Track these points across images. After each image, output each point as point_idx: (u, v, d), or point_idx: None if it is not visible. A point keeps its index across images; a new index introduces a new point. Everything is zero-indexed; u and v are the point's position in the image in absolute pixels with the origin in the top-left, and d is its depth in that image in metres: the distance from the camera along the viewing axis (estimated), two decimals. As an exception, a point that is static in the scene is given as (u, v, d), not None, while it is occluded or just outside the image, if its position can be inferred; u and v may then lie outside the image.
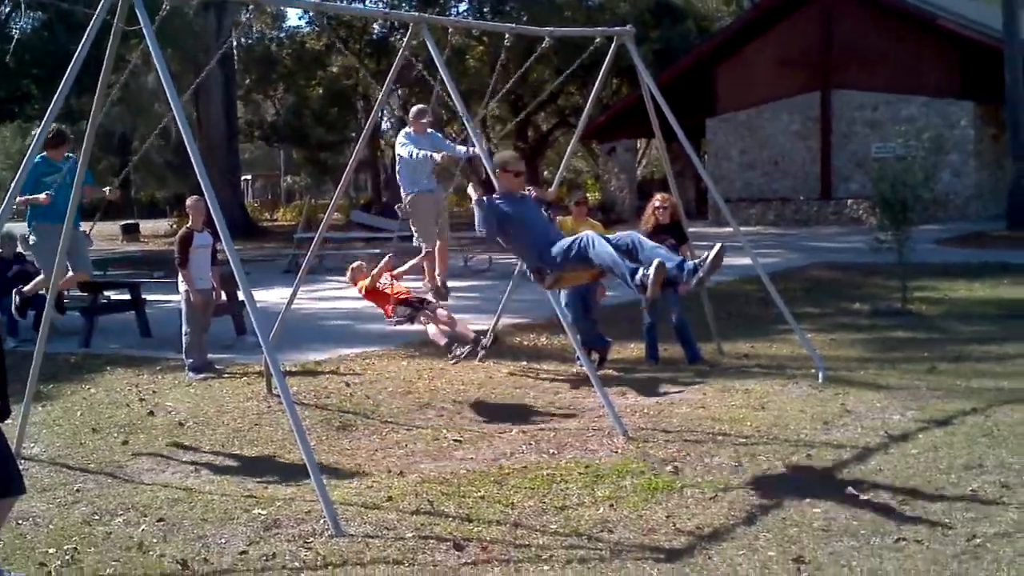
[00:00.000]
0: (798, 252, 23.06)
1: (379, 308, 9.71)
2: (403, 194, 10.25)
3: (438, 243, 10.36)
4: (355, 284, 9.82)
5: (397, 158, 10.43)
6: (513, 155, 8.00)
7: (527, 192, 7.72)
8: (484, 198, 7.37)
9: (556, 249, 6.91)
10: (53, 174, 9.24)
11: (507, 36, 9.88)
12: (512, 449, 7.52)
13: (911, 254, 14.13)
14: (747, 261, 10.69)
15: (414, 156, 9.93)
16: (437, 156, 9.96)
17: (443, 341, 9.33)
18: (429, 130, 10.34)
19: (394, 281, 9.65)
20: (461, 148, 10.14)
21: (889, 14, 30.91)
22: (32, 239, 9.79)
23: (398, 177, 10.42)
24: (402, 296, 9.43)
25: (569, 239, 6.90)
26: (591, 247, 6.64)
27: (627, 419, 8.10)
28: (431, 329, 9.39)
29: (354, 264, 10.03)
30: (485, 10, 41.67)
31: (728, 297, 14.92)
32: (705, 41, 38.09)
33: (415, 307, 9.35)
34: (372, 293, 9.58)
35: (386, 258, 9.64)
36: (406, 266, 9.94)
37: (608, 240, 6.70)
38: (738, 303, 14.55)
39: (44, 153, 9.29)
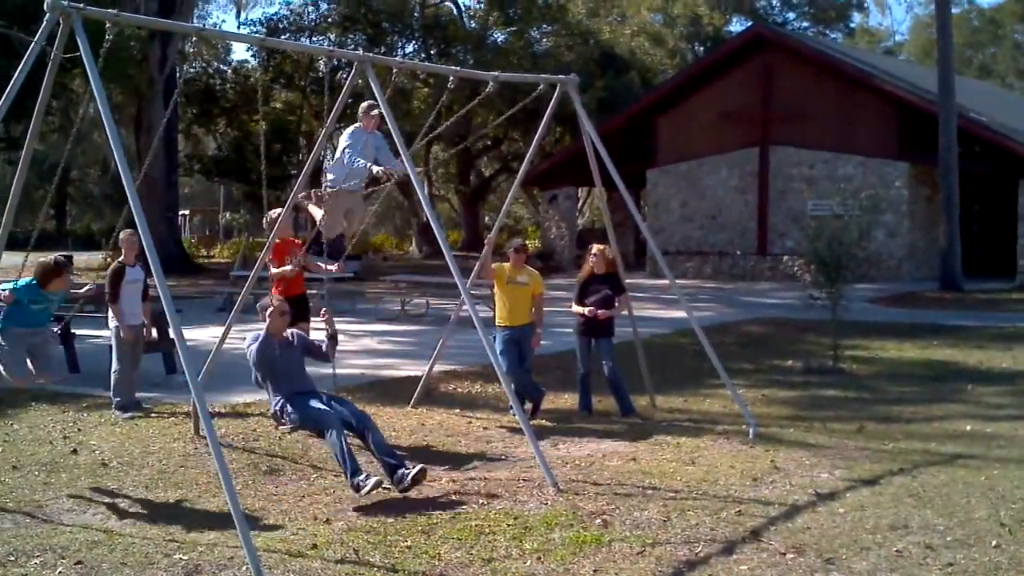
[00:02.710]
0: (734, 307, 23.27)
1: None
2: (324, 184, 9.96)
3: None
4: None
5: (336, 151, 10.15)
6: (279, 300, 8.30)
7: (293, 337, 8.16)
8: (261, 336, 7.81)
9: (301, 407, 7.65)
10: (41, 304, 8.47)
11: (451, 79, 9.91)
12: (442, 499, 7.45)
13: (844, 312, 14.32)
14: (683, 314, 10.75)
15: (355, 164, 9.68)
16: (375, 169, 9.77)
17: None
18: (378, 131, 10.01)
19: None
20: (400, 165, 9.82)
21: (828, 73, 31.50)
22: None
23: (325, 167, 10.15)
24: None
25: (313, 408, 7.65)
26: (328, 432, 7.51)
27: (558, 470, 8.07)
28: None
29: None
30: (432, 52, 41.90)
31: (663, 350, 14.99)
32: (648, 93, 38.54)
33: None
34: None
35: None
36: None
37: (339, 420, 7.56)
38: (673, 356, 14.62)
39: (35, 280, 8.40)
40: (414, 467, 7.53)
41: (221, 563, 5.99)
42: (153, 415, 10.53)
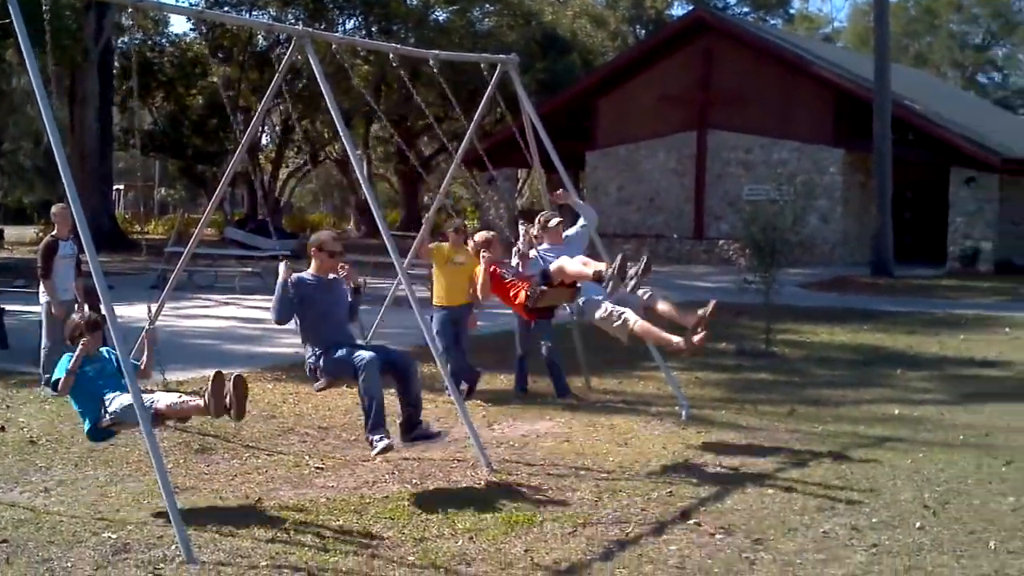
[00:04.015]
0: (670, 289, 23.34)
1: None
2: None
3: None
4: None
5: None
6: (330, 235, 8.02)
7: (338, 276, 7.79)
8: (288, 279, 7.43)
9: (337, 354, 7.24)
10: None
11: (392, 56, 9.86)
12: (375, 478, 7.46)
13: (777, 296, 14.50)
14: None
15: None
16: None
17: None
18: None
19: None
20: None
21: (767, 59, 31.78)
22: None
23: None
24: None
25: (349, 354, 7.20)
26: (362, 373, 7.11)
27: (492, 451, 8.10)
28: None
29: None
30: (373, 29, 41.59)
31: (600, 332, 15.02)
32: (589, 74, 38.60)
33: None
34: None
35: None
36: None
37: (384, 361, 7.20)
38: (609, 338, 14.64)
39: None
40: (432, 428, 7.61)
41: (150, 542, 5.94)
42: (84, 392, 10.37)
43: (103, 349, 7.04)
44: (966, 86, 66.42)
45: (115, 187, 49.03)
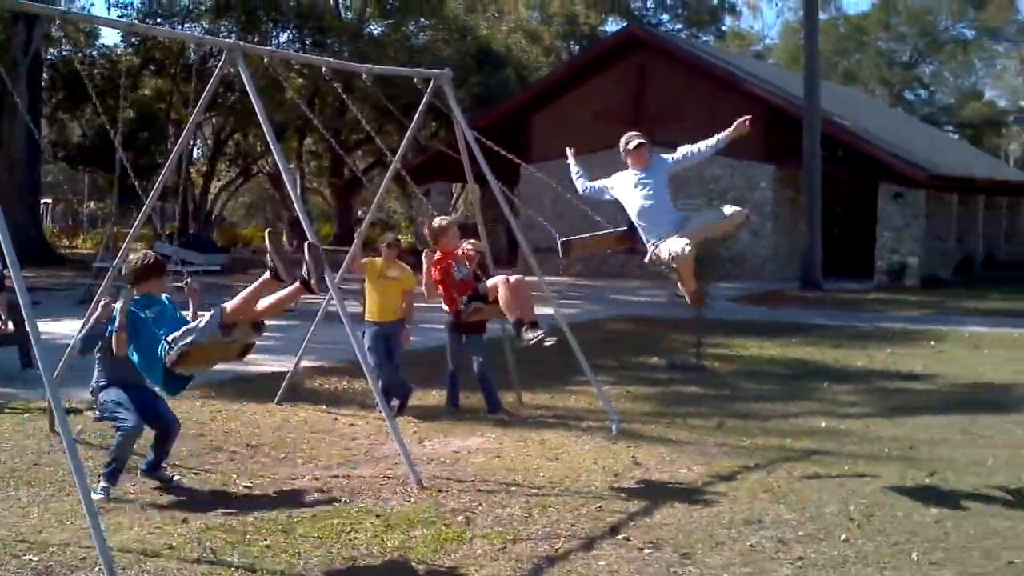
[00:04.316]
0: (603, 304, 23.57)
1: None
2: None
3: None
4: None
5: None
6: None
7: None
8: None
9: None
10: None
11: (324, 70, 9.83)
12: (303, 497, 7.39)
13: (709, 311, 14.63)
14: (551, 311, 10.86)
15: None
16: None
17: None
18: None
19: None
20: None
21: (699, 75, 32.13)
22: None
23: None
24: None
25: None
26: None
27: (422, 468, 8.08)
28: None
29: None
30: (307, 42, 41.37)
31: (532, 347, 15.06)
32: (524, 90, 38.74)
33: None
34: None
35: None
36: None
37: None
38: (541, 353, 14.69)
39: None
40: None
41: (73, 564, 5.84)
42: (7, 411, 10.19)
43: (163, 296, 6.89)
44: (894, 103, 67.76)
45: (43, 200, 48.22)
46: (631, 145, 8.74)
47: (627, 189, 8.43)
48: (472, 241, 10.93)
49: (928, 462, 8.71)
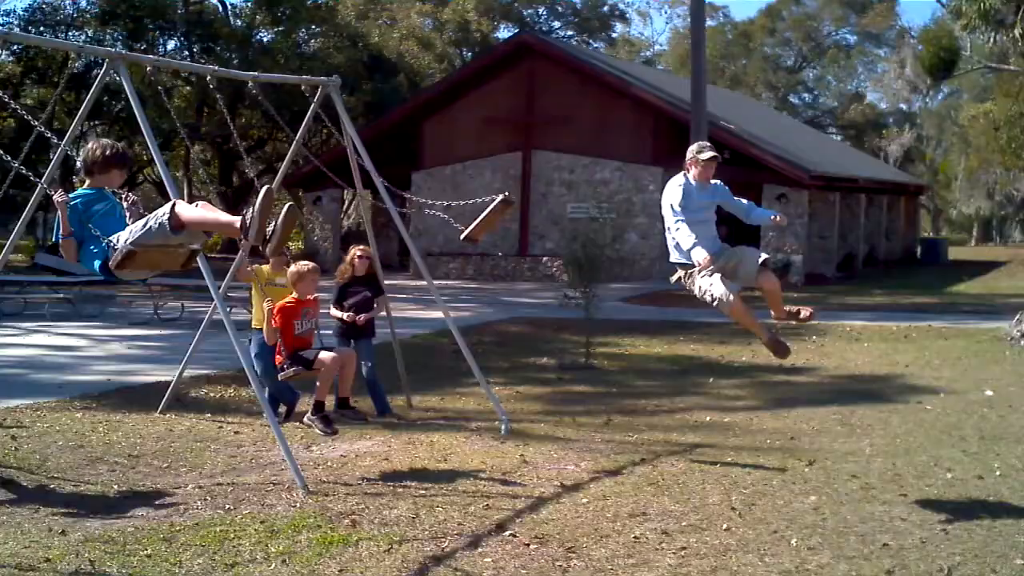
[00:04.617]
0: (494, 306, 23.64)
1: None
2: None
3: None
4: None
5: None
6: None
7: None
8: None
9: None
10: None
11: (210, 78, 9.71)
12: (186, 505, 7.27)
13: (597, 311, 14.79)
14: (441, 314, 10.87)
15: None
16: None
17: None
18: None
19: None
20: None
21: (590, 82, 32.43)
22: None
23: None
24: None
25: None
26: None
27: (309, 472, 8.02)
28: None
29: None
30: (195, 50, 40.75)
31: (422, 350, 15.10)
32: (415, 96, 38.71)
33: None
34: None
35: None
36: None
37: None
38: (431, 356, 14.75)
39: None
40: None
41: (-58, 580, 5.67)
42: None
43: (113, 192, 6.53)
44: (779, 106, 69.31)
45: (-81, 213, 46.61)
46: (704, 156, 8.30)
47: (691, 200, 8.20)
48: (361, 247, 10.91)
49: (808, 451, 8.94)
